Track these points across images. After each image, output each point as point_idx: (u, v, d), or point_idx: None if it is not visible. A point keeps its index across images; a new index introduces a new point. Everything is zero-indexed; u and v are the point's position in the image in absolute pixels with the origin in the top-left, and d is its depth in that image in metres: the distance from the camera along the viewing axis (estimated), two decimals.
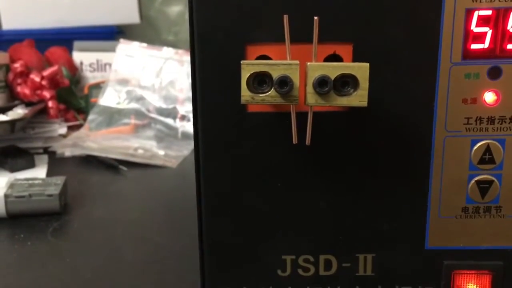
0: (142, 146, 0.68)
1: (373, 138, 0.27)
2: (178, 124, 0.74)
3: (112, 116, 0.73)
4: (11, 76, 0.73)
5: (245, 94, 0.23)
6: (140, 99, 0.76)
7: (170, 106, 0.75)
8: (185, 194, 0.56)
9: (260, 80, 0.23)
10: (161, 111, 0.75)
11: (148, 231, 0.46)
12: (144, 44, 0.80)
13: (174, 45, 0.95)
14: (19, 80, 0.72)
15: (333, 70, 0.23)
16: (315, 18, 0.23)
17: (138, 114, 0.74)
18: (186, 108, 0.75)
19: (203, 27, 0.26)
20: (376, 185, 0.28)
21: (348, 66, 0.23)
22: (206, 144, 0.28)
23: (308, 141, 0.24)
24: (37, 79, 0.72)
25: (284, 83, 0.23)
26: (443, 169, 0.28)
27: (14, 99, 0.73)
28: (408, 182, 0.28)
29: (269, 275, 0.30)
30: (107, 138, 0.70)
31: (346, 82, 0.23)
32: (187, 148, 0.70)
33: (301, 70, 0.23)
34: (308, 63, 0.23)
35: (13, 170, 0.60)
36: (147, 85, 0.77)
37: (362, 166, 0.27)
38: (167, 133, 0.73)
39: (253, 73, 0.23)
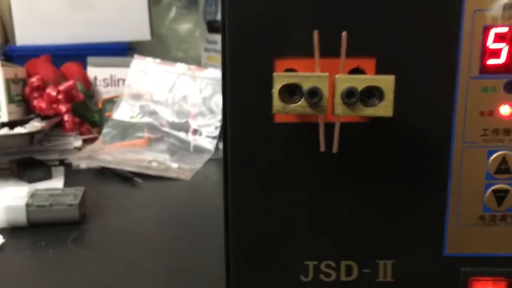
0: (156, 159, 0.69)
1: (394, 148, 0.28)
2: (191, 138, 0.75)
3: (126, 130, 0.75)
4: (27, 90, 0.74)
5: (277, 104, 0.25)
6: (153, 113, 0.77)
7: (183, 121, 0.77)
8: (199, 206, 0.57)
9: (291, 91, 0.25)
10: (173, 125, 0.76)
11: (164, 241, 0.47)
12: (158, 60, 0.82)
13: (183, 61, 0.97)
14: (35, 94, 0.74)
15: (360, 82, 0.24)
16: (343, 33, 0.25)
17: (151, 128, 0.76)
18: (198, 122, 0.77)
19: (235, 43, 0.28)
20: (397, 193, 0.29)
21: (375, 79, 0.24)
22: (234, 152, 0.29)
23: (335, 149, 0.26)
24: (53, 93, 0.73)
25: (314, 93, 0.24)
26: (461, 179, 0.29)
27: (30, 112, 0.75)
28: (427, 191, 0.29)
29: (292, 280, 0.31)
30: (121, 151, 0.71)
31: (372, 94, 0.25)
32: (200, 162, 0.71)
33: (329, 82, 0.25)
34: (337, 75, 0.25)
35: (31, 181, 0.61)
36: (160, 100, 0.78)
37: (384, 175, 0.29)
38: (179, 146, 0.74)
39: (285, 84, 0.25)
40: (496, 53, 0.27)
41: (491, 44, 0.27)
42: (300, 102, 0.25)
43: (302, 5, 0.28)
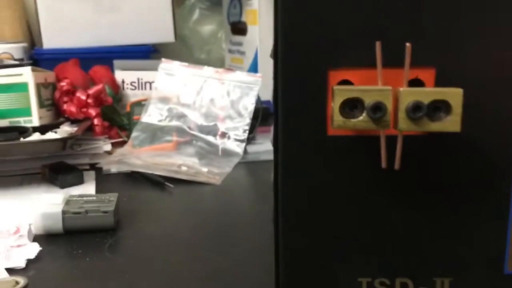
0: (185, 163, 0.69)
1: (455, 162, 0.27)
2: (219, 141, 0.75)
3: (155, 133, 0.75)
4: (57, 94, 0.75)
5: (338, 119, 0.24)
6: (181, 116, 0.77)
7: (211, 124, 0.76)
8: (232, 211, 0.57)
9: (351, 106, 0.24)
10: (202, 129, 0.76)
11: (198, 247, 0.47)
12: (185, 63, 0.81)
13: (206, 63, 0.97)
14: (65, 98, 0.74)
15: (425, 95, 0.23)
16: (407, 44, 0.24)
17: (179, 131, 0.75)
18: (227, 125, 0.76)
19: (288, 51, 0.27)
20: (456, 208, 0.28)
21: (441, 92, 0.23)
22: (285, 164, 0.28)
23: (397, 165, 0.25)
24: (83, 97, 0.73)
25: (378, 108, 0.23)
26: None
27: (60, 116, 0.75)
28: (488, 206, 0.28)
29: None
30: (150, 154, 0.71)
31: (438, 108, 0.24)
32: (229, 165, 0.70)
33: (392, 95, 0.24)
34: (401, 89, 0.24)
35: (63, 186, 0.61)
36: (187, 103, 0.78)
37: (444, 190, 0.28)
38: (208, 150, 0.74)
39: (346, 98, 0.24)
40: None
41: None
42: (361, 117, 0.24)
43: (357, 14, 0.27)
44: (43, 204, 0.49)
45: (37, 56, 0.94)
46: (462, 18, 0.26)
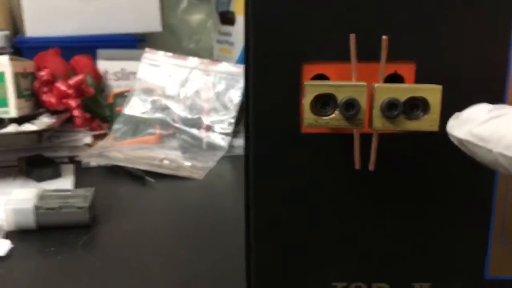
0: (168, 157, 0.67)
1: (433, 164, 0.26)
2: (203, 134, 0.73)
3: (137, 126, 0.73)
4: (37, 84, 0.72)
5: (309, 117, 0.22)
6: (165, 108, 0.75)
7: (195, 116, 0.74)
8: (213, 207, 0.55)
9: (323, 102, 0.22)
10: (186, 121, 0.74)
11: (177, 246, 0.45)
12: (170, 54, 0.79)
13: (195, 53, 0.94)
14: (45, 89, 0.72)
15: (402, 92, 0.22)
16: (384, 37, 0.22)
17: (163, 124, 0.73)
18: (212, 118, 0.74)
19: (259, 44, 0.25)
20: (435, 212, 0.27)
21: (419, 88, 0.22)
22: (257, 166, 0.27)
23: (372, 166, 0.23)
24: (63, 87, 0.71)
25: (351, 105, 0.22)
26: (507, 197, 0.26)
27: (39, 107, 0.73)
28: (469, 209, 0.26)
29: None
30: (132, 148, 0.69)
31: (415, 105, 0.22)
32: (213, 159, 0.69)
33: (366, 91, 0.22)
34: (376, 85, 0.22)
35: (39, 180, 0.59)
36: (172, 95, 0.76)
37: (422, 193, 0.26)
38: (192, 143, 0.72)
39: (317, 95, 0.22)
40: None
41: None
42: (334, 114, 0.22)
43: (331, 4, 0.25)
44: (15, 199, 0.47)
45: (20, 45, 0.91)
46: (445, 11, 0.25)
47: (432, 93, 0.22)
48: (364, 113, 0.22)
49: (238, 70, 0.76)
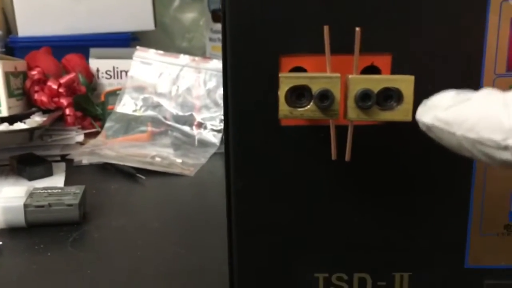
0: (159, 154, 0.67)
1: (412, 153, 0.26)
2: (195, 131, 0.73)
3: (129, 124, 0.73)
4: (28, 83, 0.72)
5: (284, 108, 0.22)
6: (156, 106, 0.75)
7: (187, 114, 0.75)
8: (204, 203, 0.55)
9: (298, 94, 0.22)
10: (177, 119, 0.74)
11: (167, 242, 0.45)
12: (161, 52, 0.79)
13: (187, 51, 0.94)
14: (36, 88, 0.72)
15: (375, 83, 0.22)
16: (357, 29, 0.22)
17: (154, 121, 0.74)
18: (203, 115, 0.74)
19: (236, 37, 0.25)
20: (415, 201, 0.27)
21: (392, 79, 0.22)
22: (237, 159, 0.27)
23: (348, 157, 0.23)
24: (55, 86, 0.71)
25: (325, 97, 0.22)
26: (485, 185, 0.27)
27: (31, 106, 0.73)
28: (448, 198, 0.27)
29: None
30: (124, 145, 0.69)
31: (389, 96, 0.22)
32: (204, 156, 0.69)
33: (341, 83, 0.23)
34: (350, 76, 0.22)
35: (31, 178, 0.59)
36: (163, 92, 0.76)
37: (400, 182, 0.26)
38: (183, 140, 0.72)
39: (292, 86, 0.22)
40: None
41: None
42: (309, 106, 0.22)
43: None
44: (4, 198, 0.47)
45: (12, 44, 0.91)
46: (421, 2, 0.25)
47: (405, 83, 0.22)
48: (338, 104, 0.22)
49: None
